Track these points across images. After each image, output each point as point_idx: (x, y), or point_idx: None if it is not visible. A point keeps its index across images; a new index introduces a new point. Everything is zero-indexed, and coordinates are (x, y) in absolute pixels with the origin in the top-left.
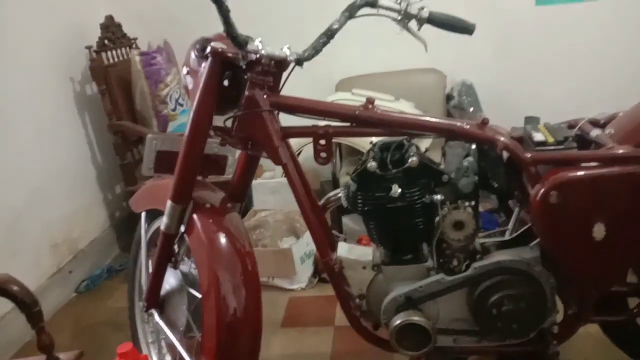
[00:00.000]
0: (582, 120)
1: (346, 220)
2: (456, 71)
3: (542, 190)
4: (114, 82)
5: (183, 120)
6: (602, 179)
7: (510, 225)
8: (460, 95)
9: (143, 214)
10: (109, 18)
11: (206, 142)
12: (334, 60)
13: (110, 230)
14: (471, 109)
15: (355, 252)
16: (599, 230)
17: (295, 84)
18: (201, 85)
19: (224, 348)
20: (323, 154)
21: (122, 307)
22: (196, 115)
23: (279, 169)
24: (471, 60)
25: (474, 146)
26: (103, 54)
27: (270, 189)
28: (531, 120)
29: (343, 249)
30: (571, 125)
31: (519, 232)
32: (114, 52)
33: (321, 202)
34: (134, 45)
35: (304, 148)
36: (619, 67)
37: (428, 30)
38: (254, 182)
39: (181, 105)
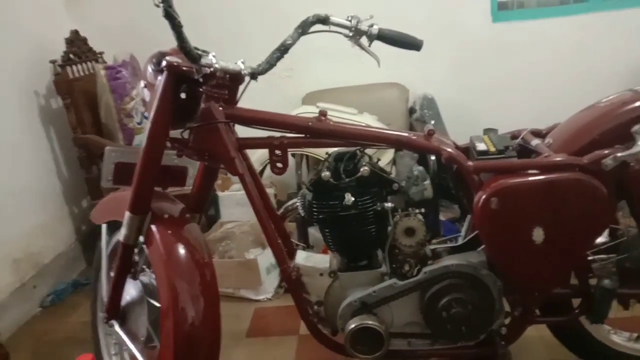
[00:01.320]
0: (524, 131)
1: (312, 231)
2: (418, 85)
3: (483, 197)
4: (80, 95)
5: None
6: (539, 186)
7: (462, 232)
8: (422, 109)
9: (104, 226)
10: (74, 32)
11: (163, 153)
12: (301, 75)
13: (76, 244)
14: (432, 122)
15: (313, 259)
16: (538, 235)
17: (264, 97)
18: (157, 98)
19: (182, 358)
20: (279, 164)
21: (86, 321)
22: (152, 127)
23: None
24: (432, 74)
25: (433, 157)
26: (68, 68)
27: (237, 200)
28: (489, 132)
29: (301, 257)
30: (514, 136)
31: (468, 237)
32: (79, 66)
33: (280, 212)
34: (100, 60)
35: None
36: (569, 81)
37: (391, 47)
38: (221, 194)
39: (147, 118)
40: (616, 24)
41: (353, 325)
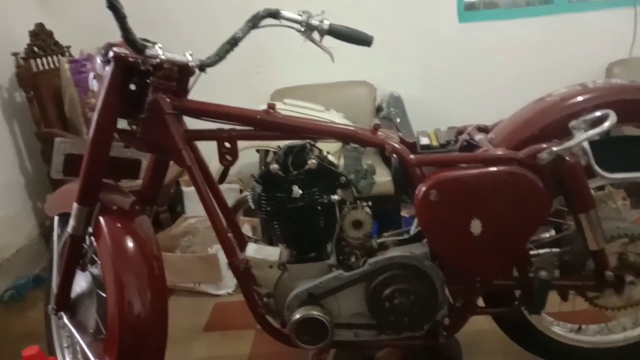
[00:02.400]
0: (470, 126)
1: None
2: (386, 84)
3: (423, 189)
4: (44, 89)
5: None
6: (476, 178)
7: (413, 225)
8: (389, 107)
9: (56, 218)
10: (39, 25)
11: (111, 144)
12: (271, 72)
13: (39, 239)
14: (398, 120)
15: (263, 252)
16: (475, 226)
17: (233, 93)
18: (104, 88)
19: (127, 351)
20: (228, 157)
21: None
22: (99, 118)
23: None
24: (400, 73)
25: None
26: (32, 61)
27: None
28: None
29: (251, 250)
30: (461, 131)
31: (416, 230)
32: (44, 59)
33: (232, 204)
34: (66, 54)
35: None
36: (534, 81)
37: (360, 46)
38: (186, 189)
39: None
40: (580, 26)
41: (298, 316)
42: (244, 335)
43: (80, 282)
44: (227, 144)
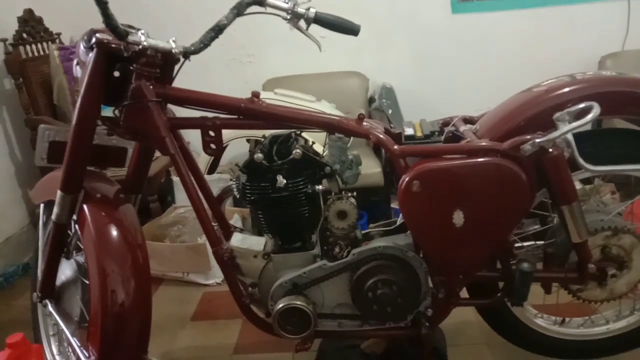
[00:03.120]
0: (457, 117)
1: None
2: (378, 75)
3: (406, 180)
4: (33, 76)
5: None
6: (459, 169)
7: (400, 216)
8: (381, 98)
9: (42, 206)
10: (28, 12)
11: (94, 131)
12: (263, 61)
13: (29, 227)
14: (390, 112)
15: (248, 242)
16: (458, 217)
17: (225, 83)
18: (87, 75)
19: (110, 339)
20: (212, 145)
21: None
22: (82, 104)
23: (203, 166)
24: (392, 64)
25: None
26: (21, 48)
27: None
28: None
29: (236, 239)
30: (447, 122)
31: (401, 221)
32: (33, 46)
33: (217, 194)
34: (57, 40)
35: (229, 143)
36: (526, 72)
37: (352, 37)
38: (176, 179)
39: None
40: (573, 18)
41: (281, 305)
42: (231, 325)
43: (66, 270)
44: (212, 133)
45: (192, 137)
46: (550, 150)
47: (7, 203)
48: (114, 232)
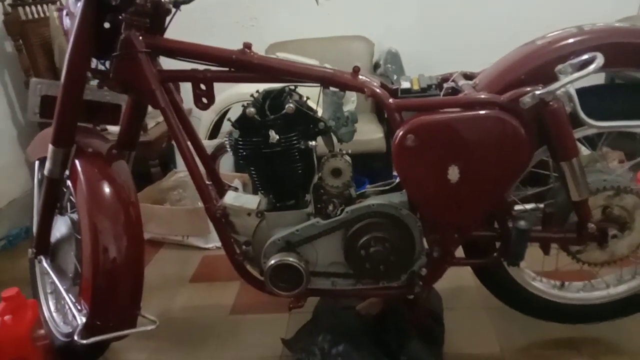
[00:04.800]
0: (456, 73)
1: None
2: (384, 39)
3: (400, 134)
4: (33, 38)
5: None
6: (454, 122)
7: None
8: (386, 64)
9: (37, 163)
10: None
11: (85, 83)
12: (266, 25)
13: (33, 190)
14: (395, 77)
15: (242, 199)
16: (453, 173)
17: (225, 46)
18: (75, 25)
19: (101, 295)
20: (204, 100)
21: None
22: (71, 56)
23: (204, 131)
24: (398, 28)
25: None
26: (20, 9)
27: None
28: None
29: (230, 197)
30: (445, 78)
31: (398, 181)
32: (33, 7)
33: (211, 151)
34: (57, 2)
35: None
36: (537, 34)
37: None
38: None
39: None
40: None
41: (273, 262)
42: (229, 286)
43: (61, 227)
44: (203, 86)
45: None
46: (551, 103)
47: (10, 166)
48: (106, 188)
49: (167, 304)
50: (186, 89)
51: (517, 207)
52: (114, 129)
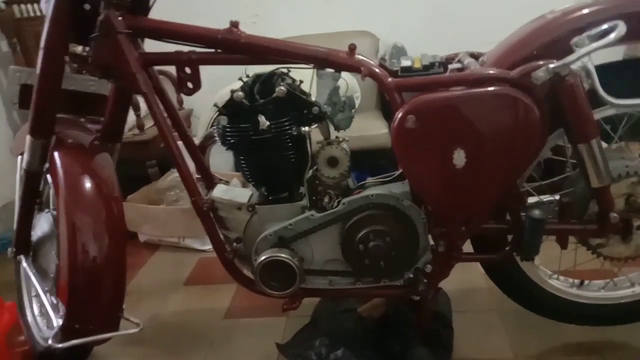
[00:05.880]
0: (462, 53)
1: None
2: (389, 34)
3: (399, 115)
4: (28, 37)
5: None
6: (460, 101)
7: None
8: (391, 59)
9: (19, 158)
10: None
11: (63, 70)
12: (268, 22)
13: None
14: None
15: (232, 193)
16: (459, 157)
17: None
18: (52, 6)
19: (79, 295)
20: (189, 84)
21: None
22: (48, 40)
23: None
24: (403, 23)
25: None
26: (15, 7)
27: None
28: None
29: (219, 190)
30: (450, 58)
31: (400, 172)
32: (29, 5)
33: (199, 141)
34: None
35: None
36: None
37: None
38: (178, 143)
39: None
40: None
41: (263, 258)
42: (224, 289)
43: (43, 225)
44: (188, 70)
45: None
46: (567, 78)
47: (5, 168)
48: (87, 182)
49: (159, 307)
50: None
51: (531, 199)
52: None
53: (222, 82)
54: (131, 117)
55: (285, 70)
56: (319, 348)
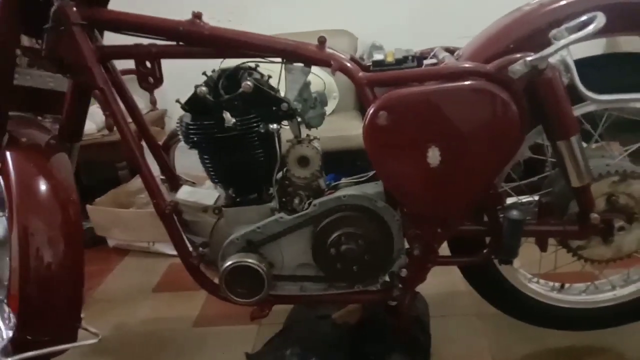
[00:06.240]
0: (436, 48)
1: None
2: (367, 33)
3: (371, 112)
4: None
5: None
6: (433, 95)
7: None
8: (369, 58)
9: None
10: None
11: (14, 63)
12: (243, 20)
13: None
14: None
15: (197, 195)
16: (433, 155)
17: None
18: None
19: (31, 304)
20: (150, 79)
21: None
22: None
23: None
24: (382, 22)
25: None
26: None
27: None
28: None
29: (183, 192)
30: (425, 54)
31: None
32: None
33: (163, 140)
34: None
35: None
36: None
37: None
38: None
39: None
40: None
41: (229, 263)
42: (195, 296)
43: None
44: (148, 64)
45: None
46: (545, 71)
47: None
48: (41, 184)
49: (126, 315)
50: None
51: (510, 200)
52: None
53: (199, 80)
54: (101, 117)
55: (252, 65)
56: (291, 358)
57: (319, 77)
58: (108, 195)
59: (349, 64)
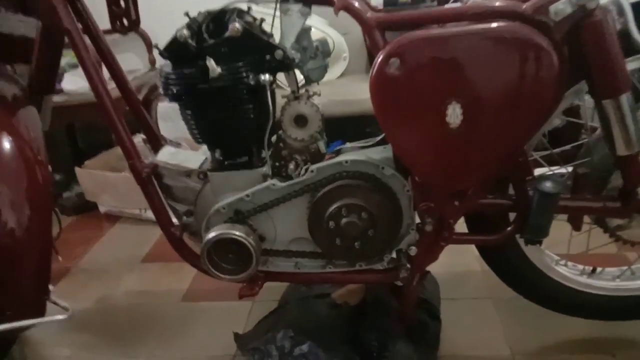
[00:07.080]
0: None
1: None
2: None
3: (380, 59)
4: None
5: None
6: (455, 40)
7: None
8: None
9: None
10: None
11: None
12: None
13: None
14: None
15: (180, 156)
16: (453, 113)
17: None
18: None
19: None
20: (124, 21)
21: None
22: None
23: None
24: None
25: None
26: None
27: (161, 115)
28: None
29: (165, 153)
30: None
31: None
32: None
33: (141, 94)
34: None
35: None
36: None
37: None
38: None
39: None
40: None
41: (212, 236)
42: (185, 268)
43: None
44: (122, 2)
45: None
46: (594, 14)
47: None
48: (5, 141)
49: (111, 287)
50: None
51: (539, 170)
52: None
53: None
54: None
55: (243, 7)
56: (282, 341)
57: (327, 35)
58: (98, 158)
59: (355, 3)
